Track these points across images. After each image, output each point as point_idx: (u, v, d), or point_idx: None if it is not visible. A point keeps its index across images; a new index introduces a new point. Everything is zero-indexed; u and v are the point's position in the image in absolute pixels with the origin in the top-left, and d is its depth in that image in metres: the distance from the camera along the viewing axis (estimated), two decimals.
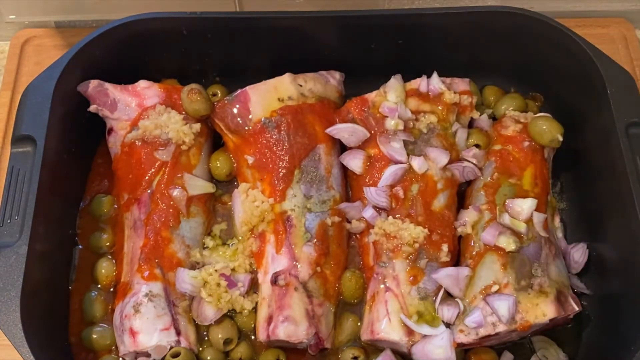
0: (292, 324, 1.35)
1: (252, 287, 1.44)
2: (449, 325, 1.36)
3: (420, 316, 1.36)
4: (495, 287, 1.35)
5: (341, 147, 1.55)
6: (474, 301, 1.36)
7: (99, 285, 1.47)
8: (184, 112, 1.52)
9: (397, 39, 1.58)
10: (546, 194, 1.49)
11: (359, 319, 1.44)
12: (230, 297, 1.39)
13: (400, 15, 1.58)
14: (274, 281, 1.38)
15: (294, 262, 1.40)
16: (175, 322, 1.37)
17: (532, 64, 1.61)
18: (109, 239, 1.51)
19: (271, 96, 1.51)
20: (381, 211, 1.45)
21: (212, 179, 1.56)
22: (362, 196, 1.47)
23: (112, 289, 1.47)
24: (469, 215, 1.44)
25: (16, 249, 1.28)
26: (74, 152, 1.51)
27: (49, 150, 1.37)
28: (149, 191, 1.46)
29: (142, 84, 1.54)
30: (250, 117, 1.50)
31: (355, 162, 1.50)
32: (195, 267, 1.44)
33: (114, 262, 1.48)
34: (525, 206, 1.41)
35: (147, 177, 1.46)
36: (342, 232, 1.48)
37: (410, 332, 1.35)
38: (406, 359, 1.39)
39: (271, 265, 1.42)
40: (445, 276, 1.37)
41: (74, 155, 1.51)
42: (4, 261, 1.26)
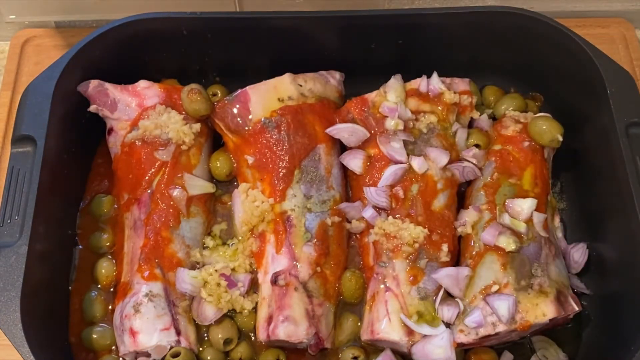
0: (292, 324, 1.35)
1: (252, 287, 1.44)
2: (449, 325, 1.36)
3: (420, 316, 1.36)
4: (495, 287, 1.35)
5: (341, 147, 1.55)
6: (474, 301, 1.36)
7: (99, 285, 1.47)
8: (184, 112, 1.52)
9: (397, 39, 1.58)
10: (546, 194, 1.49)
11: (359, 319, 1.44)
12: (230, 297, 1.39)
13: (400, 15, 1.58)
14: (274, 281, 1.38)
15: (294, 262, 1.40)
16: (175, 322, 1.37)
17: (532, 64, 1.60)
18: (109, 239, 1.51)
19: (271, 96, 1.51)
20: (381, 211, 1.45)
21: (212, 179, 1.56)
22: (362, 196, 1.47)
23: (112, 289, 1.47)
24: (469, 215, 1.44)
25: (16, 249, 1.28)
26: (74, 152, 1.51)
27: (49, 150, 1.37)
28: (149, 191, 1.46)
29: (142, 84, 1.54)
30: (250, 117, 1.50)
31: (355, 162, 1.50)
32: (195, 267, 1.44)
33: (114, 262, 1.48)
34: (525, 206, 1.41)
35: (147, 177, 1.46)
36: (342, 232, 1.48)
37: (410, 332, 1.35)
38: (406, 359, 1.39)
39: (271, 265, 1.42)
40: (445, 276, 1.37)
41: (74, 155, 1.51)
42: (4, 261, 1.26)
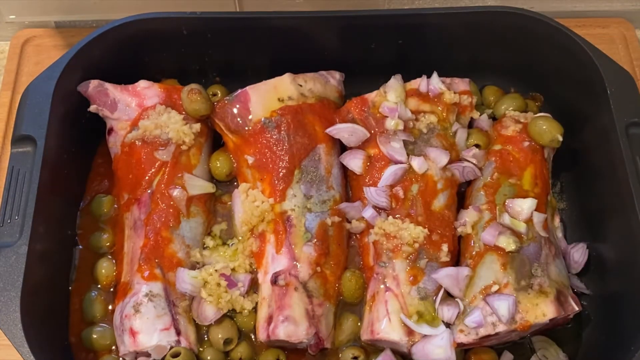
0: (292, 324, 1.35)
1: (252, 287, 1.44)
2: (449, 325, 1.36)
3: (420, 316, 1.36)
4: (495, 287, 1.35)
5: (341, 147, 1.55)
6: (474, 301, 1.36)
7: (99, 285, 1.47)
8: (184, 112, 1.52)
9: (397, 39, 1.58)
10: (546, 194, 1.49)
11: (359, 319, 1.44)
12: (230, 297, 1.39)
13: (400, 15, 1.58)
14: (274, 281, 1.38)
15: (294, 262, 1.40)
16: (175, 322, 1.37)
17: (532, 64, 1.60)
18: (109, 239, 1.51)
19: (271, 96, 1.51)
20: (381, 211, 1.45)
21: (212, 179, 1.56)
22: (362, 196, 1.47)
23: (112, 289, 1.47)
24: (469, 215, 1.44)
25: (16, 249, 1.28)
26: (74, 152, 1.51)
27: (49, 150, 1.37)
28: (149, 191, 1.46)
29: (142, 84, 1.54)
30: (250, 117, 1.50)
31: (355, 162, 1.50)
32: (195, 267, 1.44)
33: (114, 262, 1.48)
34: (525, 206, 1.41)
35: (147, 177, 1.46)
36: (342, 232, 1.48)
37: (410, 332, 1.35)
38: (406, 359, 1.39)
39: (271, 265, 1.42)
40: (445, 276, 1.37)
41: (74, 155, 1.51)
42: (4, 261, 1.26)
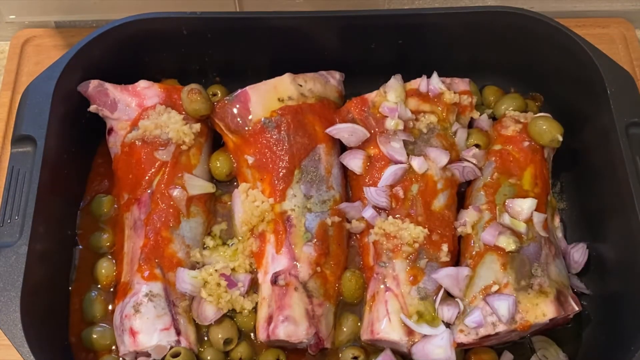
0: (292, 323, 1.35)
1: (252, 287, 1.44)
2: (449, 325, 1.36)
3: (420, 316, 1.36)
4: (495, 287, 1.35)
5: (341, 147, 1.55)
6: (474, 301, 1.36)
7: (99, 285, 1.47)
8: (184, 112, 1.52)
9: (397, 39, 1.58)
10: (546, 194, 1.49)
11: (359, 319, 1.44)
12: (230, 297, 1.39)
13: (400, 15, 1.58)
14: (274, 281, 1.38)
15: (294, 262, 1.40)
16: (175, 322, 1.37)
17: (532, 64, 1.60)
18: (109, 239, 1.51)
19: (271, 96, 1.51)
20: (381, 211, 1.45)
21: (212, 179, 1.56)
22: (362, 196, 1.47)
23: (112, 289, 1.47)
24: (469, 215, 1.44)
25: (16, 249, 1.28)
26: (74, 152, 1.51)
27: (49, 150, 1.37)
28: (149, 191, 1.46)
29: (142, 84, 1.54)
30: (250, 117, 1.50)
31: (355, 162, 1.50)
32: (195, 267, 1.44)
33: (114, 262, 1.48)
34: (525, 206, 1.41)
35: (147, 177, 1.46)
36: (342, 232, 1.48)
37: (410, 332, 1.35)
38: (406, 359, 1.39)
39: (271, 265, 1.42)
40: (445, 276, 1.37)
41: (74, 155, 1.51)
42: (4, 261, 1.26)
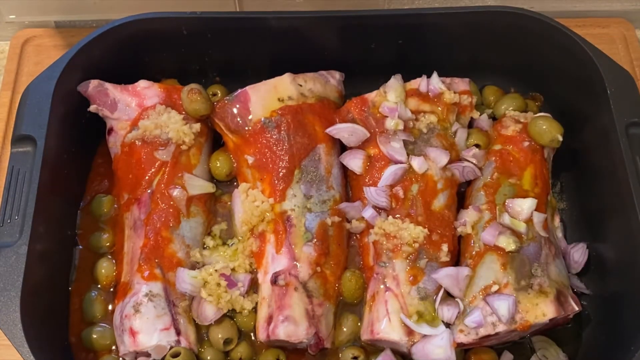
0: (292, 323, 1.35)
1: (252, 287, 1.44)
2: (449, 325, 1.36)
3: (420, 316, 1.36)
4: (495, 287, 1.35)
5: (341, 147, 1.55)
6: (474, 301, 1.36)
7: (99, 285, 1.47)
8: (184, 112, 1.52)
9: (397, 39, 1.58)
10: (546, 194, 1.49)
11: (359, 319, 1.44)
12: (230, 297, 1.39)
13: (400, 15, 1.58)
14: (274, 281, 1.38)
15: (294, 262, 1.40)
16: (175, 322, 1.37)
17: (532, 64, 1.60)
18: (109, 239, 1.51)
19: (271, 96, 1.51)
20: (381, 211, 1.45)
21: (212, 179, 1.56)
22: (362, 196, 1.47)
23: (112, 289, 1.47)
24: (469, 215, 1.44)
25: (16, 249, 1.28)
26: (74, 152, 1.51)
27: (49, 150, 1.37)
28: (149, 191, 1.46)
29: (142, 84, 1.54)
30: (250, 117, 1.50)
31: (355, 162, 1.50)
32: (195, 267, 1.44)
33: (114, 262, 1.48)
34: (525, 206, 1.41)
35: (147, 177, 1.46)
36: (342, 232, 1.48)
37: (410, 332, 1.35)
38: (406, 359, 1.39)
39: (271, 265, 1.42)
40: (445, 276, 1.37)
41: (74, 155, 1.51)
42: (4, 261, 1.26)
